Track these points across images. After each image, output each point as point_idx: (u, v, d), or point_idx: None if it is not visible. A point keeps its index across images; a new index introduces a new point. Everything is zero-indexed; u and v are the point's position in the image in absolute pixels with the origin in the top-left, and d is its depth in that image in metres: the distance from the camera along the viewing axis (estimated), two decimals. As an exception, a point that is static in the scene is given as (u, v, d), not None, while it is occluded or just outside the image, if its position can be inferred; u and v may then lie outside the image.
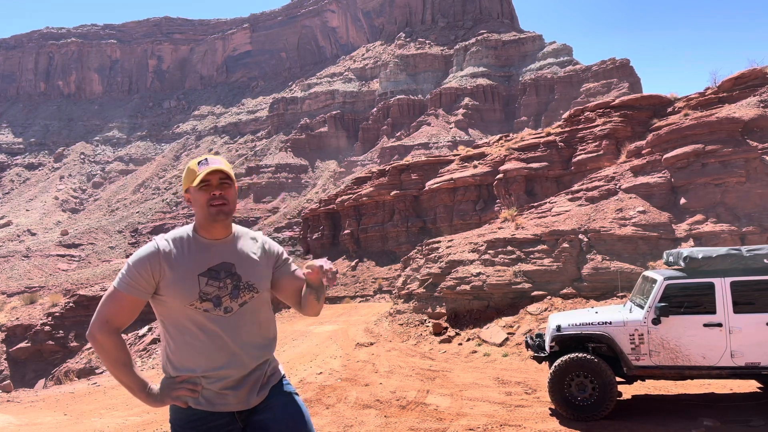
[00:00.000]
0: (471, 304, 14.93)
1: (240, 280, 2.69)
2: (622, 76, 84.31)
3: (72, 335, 24.51)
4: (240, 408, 2.69)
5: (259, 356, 2.74)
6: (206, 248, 2.69)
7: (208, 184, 2.65)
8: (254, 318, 2.73)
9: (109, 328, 2.62)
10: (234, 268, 2.69)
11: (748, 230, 14.77)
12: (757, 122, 17.01)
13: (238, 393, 2.67)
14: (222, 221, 2.68)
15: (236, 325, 2.67)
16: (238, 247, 2.76)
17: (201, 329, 2.63)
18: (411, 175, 38.36)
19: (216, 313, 2.63)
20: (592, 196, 18.21)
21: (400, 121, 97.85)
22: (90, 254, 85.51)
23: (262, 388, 2.75)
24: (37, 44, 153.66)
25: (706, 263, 7.02)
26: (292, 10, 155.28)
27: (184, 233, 2.72)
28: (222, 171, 2.65)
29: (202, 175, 2.62)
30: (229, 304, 2.65)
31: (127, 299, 2.61)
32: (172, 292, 2.60)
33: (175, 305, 2.61)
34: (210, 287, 2.62)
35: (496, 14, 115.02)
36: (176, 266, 2.61)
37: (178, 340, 2.65)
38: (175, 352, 2.67)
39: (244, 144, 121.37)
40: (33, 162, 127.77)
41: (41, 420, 10.05)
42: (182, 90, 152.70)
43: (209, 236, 2.71)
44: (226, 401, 2.66)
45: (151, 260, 2.61)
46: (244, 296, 2.68)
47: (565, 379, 7.14)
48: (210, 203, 2.64)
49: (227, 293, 2.65)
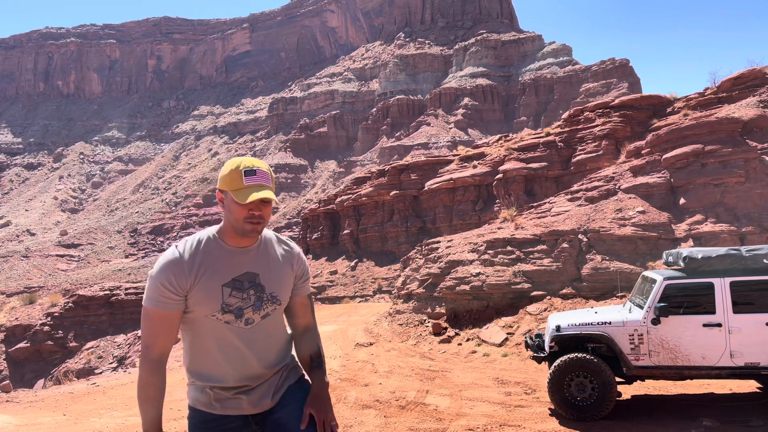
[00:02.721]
0: (470, 304, 14.93)
1: (264, 291, 2.59)
2: (621, 76, 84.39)
3: (71, 335, 24.49)
4: (254, 411, 2.63)
5: (274, 364, 2.69)
6: (230, 256, 2.56)
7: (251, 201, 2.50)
8: (273, 329, 2.67)
9: (150, 356, 2.48)
10: (258, 278, 2.58)
11: (748, 230, 14.77)
12: (757, 122, 17.01)
13: (252, 397, 2.62)
14: (253, 239, 2.57)
15: (255, 337, 2.59)
16: (264, 256, 2.63)
17: (219, 339, 2.55)
18: (410, 175, 38.35)
19: (236, 325, 2.54)
20: (591, 197, 18.21)
21: (400, 121, 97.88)
22: (89, 254, 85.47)
23: (277, 392, 2.69)
24: (36, 44, 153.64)
25: (705, 263, 7.02)
26: (291, 10, 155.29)
27: (208, 239, 2.57)
28: (272, 198, 2.48)
29: (251, 198, 2.42)
30: (251, 315, 2.56)
31: (158, 316, 2.47)
32: (194, 302, 2.49)
33: (196, 315, 2.52)
34: (233, 298, 2.52)
35: (496, 14, 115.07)
36: (199, 275, 2.49)
37: (195, 346, 2.58)
38: (191, 357, 2.61)
39: (243, 144, 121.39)
40: (32, 162, 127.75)
41: (40, 420, 10.04)
42: (181, 90, 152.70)
43: (235, 244, 2.57)
44: (239, 405, 2.60)
45: (175, 268, 2.46)
46: (267, 308, 2.60)
47: (564, 379, 7.13)
48: (247, 220, 2.48)
49: (250, 305, 2.55)
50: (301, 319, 2.83)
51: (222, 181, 2.52)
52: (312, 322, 2.88)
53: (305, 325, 2.84)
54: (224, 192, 2.52)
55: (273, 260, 2.65)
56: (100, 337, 24.11)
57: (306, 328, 2.84)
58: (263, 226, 2.54)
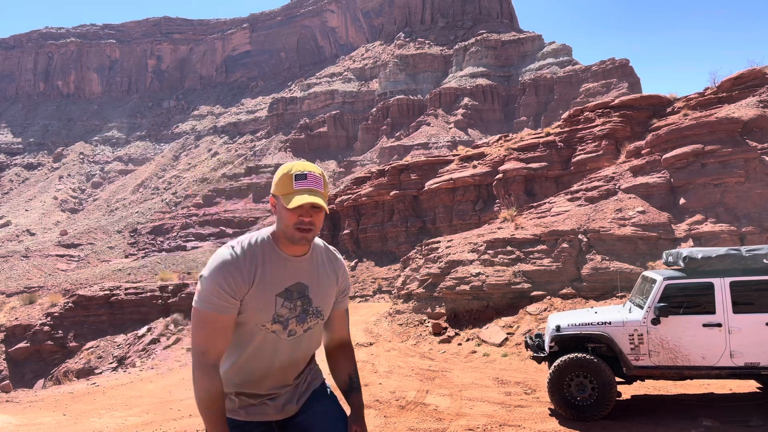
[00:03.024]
0: (470, 304, 14.93)
1: (310, 304, 2.52)
2: (621, 76, 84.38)
3: (71, 335, 24.48)
4: (278, 417, 2.60)
5: (301, 369, 2.68)
6: (284, 264, 2.47)
7: (300, 206, 2.40)
8: (312, 342, 2.63)
9: (206, 362, 2.35)
10: (308, 290, 2.51)
11: (748, 230, 14.77)
12: (757, 122, 17.02)
13: (277, 403, 2.59)
14: (303, 246, 2.47)
15: (293, 348, 2.55)
16: (315, 268, 2.56)
17: (262, 348, 2.48)
18: (410, 175, 38.33)
19: (281, 336, 2.48)
20: (591, 197, 18.21)
21: (400, 121, 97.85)
22: (89, 254, 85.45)
23: (301, 396, 2.66)
24: (36, 44, 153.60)
25: (705, 263, 7.02)
26: (291, 10, 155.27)
27: (263, 242, 2.47)
28: (321, 204, 2.39)
29: (296, 202, 2.35)
30: (294, 327, 2.49)
31: (215, 320, 2.34)
32: (246, 309, 2.39)
33: (244, 321, 2.42)
34: (284, 309, 2.45)
35: (496, 14, 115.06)
36: (257, 282, 2.40)
37: (234, 353, 2.50)
38: (228, 363, 2.52)
39: (243, 144, 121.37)
40: (32, 162, 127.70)
41: (40, 420, 10.04)
42: (181, 90, 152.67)
43: (288, 251, 2.48)
44: (264, 411, 2.57)
45: (232, 271, 2.35)
46: (311, 322, 2.54)
47: (564, 379, 7.13)
48: (296, 226, 2.40)
49: (295, 316, 2.48)
50: (337, 332, 2.78)
51: (274, 186, 2.46)
52: (347, 337, 2.83)
53: (340, 339, 2.79)
54: (276, 197, 2.45)
55: (322, 273, 2.59)
56: (99, 337, 24.10)
57: (341, 341, 2.80)
58: (314, 234, 2.45)
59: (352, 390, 2.75)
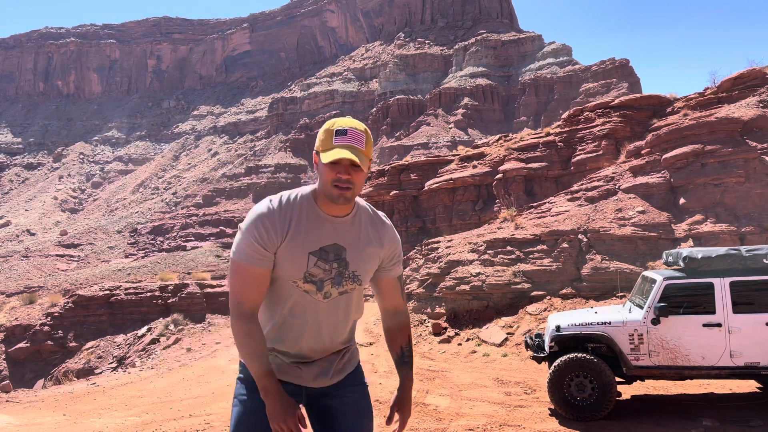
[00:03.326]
0: (470, 304, 14.94)
1: (347, 267, 2.46)
2: (621, 76, 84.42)
3: (71, 335, 24.48)
4: (307, 384, 2.55)
5: (341, 342, 2.60)
6: (322, 223, 2.43)
7: (337, 163, 2.37)
8: (348, 306, 2.55)
9: (242, 311, 2.36)
10: (345, 253, 2.45)
11: (748, 230, 14.77)
12: (757, 122, 17.02)
13: (311, 369, 2.54)
14: (342, 204, 2.41)
15: (329, 312, 2.49)
16: (355, 231, 2.49)
17: (296, 307, 2.46)
18: (410, 175, 38.32)
19: (315, 297, 2.45)
20: (591, 197, 18.21)
21: (400, 121, 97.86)
22: (89, 254, 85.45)
23: (335, 374, 2.59)
24: (36, 44, 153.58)
25: (705, 263, 7.02)
26: (291, 10, 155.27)
27: (303, 199, 2.44)
28: (355, 161, 2.33)
29: (333, 156, 2.31)
30: (330, 290, 2.45)
31: (249, 272, 2.36)
32: (279, 263, 2.38)
33: (278, 276, 2.42)
34: (317, 269, 2.41)
35: (496, 14, 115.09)
36: (294, 239, 2.37)
37: (269, 308, 2.50)
38: (263, 318, 2.52)
39: (243, 144, 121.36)
40: (32, 162, 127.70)
41: (40, 420, 10.04)
42: (181, 90, 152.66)
43: (328, 211, 2.44)
44: (296, 374, 2.53)
45: (267, 222, 2.35)
46: (347, 285, 2.48)
47: (564, 379, 7.13)
48: (335, 183, 2.35)
49: (330, 278, 2.44)
50: (389, 301, 2.71)
51: (317, 141, 2.43)
52: (402, 306, 2.74)
53: (394, 307, 2.73)
54: (318, 153, 2.42)
55: (363, 237, 2.51)
56: (99, 337, 24.09)
57: (395, 310, 2.73)
58: (353, 193, 2.39)
59: (402, 363, 2.70)
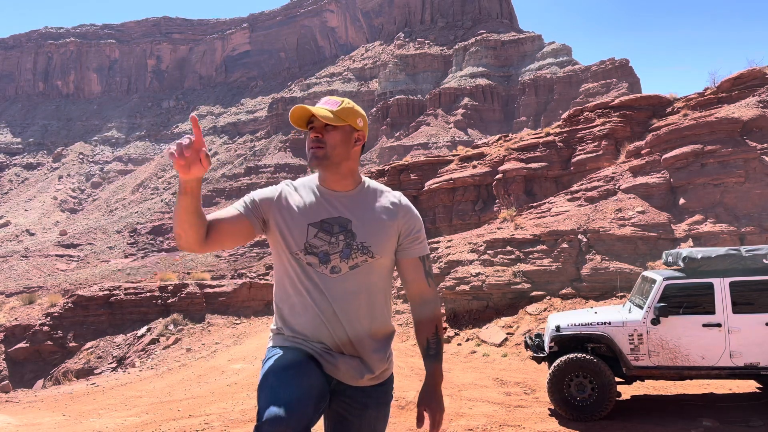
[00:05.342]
0: (470, 304, 14.94)
1: (354, 238, 2.40)
2: (621, 76, 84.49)
3: (71, 335, 24.46)
4: (343, 379, 2.41)
5: (365, 335, 2.44)
6: (325, 198, 2.46)
7: (312, 125, 2.42)
8: (363, 285, 2.41)
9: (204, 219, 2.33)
10: (350, 224, 2.41)
11: (747, 230, 14.77)
12: (756, 122, 17.03)
13: (344, 360, 2.40)
14: (315, 167, 2.44)
15: (342, 289, 2.38)
16: (360, 204, 2.47)
17: (302, 282, 2.40)
18: (410, 175, 38.31)
19: (321, 270, 2.38)
20: (591, 197, 18.21)
21: (399, 121, 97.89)
22: (89, 254, 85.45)
23: (370, 378, 2.45)
24: (35, 44, 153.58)
25: (705, 263, 7.02)
26: (291, 10, 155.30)
27: (310, 180, 2.55)
28: (318, 115, 2.38)
29: (292, 110, 2.42)
30: (338, 263, 2.39)
31: (229, 208, 2.44)
32: (279, 234, 2.41)
33: (281, 249, 2.43)
34: (318, 240, 2.38)
35: (496, 14, 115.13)
36: (290, 209, 2.43)
37: (280, 288, 2.49)
38: (278, 300, 2.50)
39: (243, 144, 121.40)
40: (32, 162, 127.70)
41: (40, 420, 10.03)
42: (181, 90, 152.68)
43: (328, 186, 2.47)
44: (329, 360, 2.40)
45: (269, 194, 2.47)
46: (356, 258, 2.39)
47: (564, 379, 7.13)
48: (310, 144, 2.43)
49: (337, 251, 2.38)
50: (412, 285, 2.55)
51: None
52: (428, 293, 2.56)
53: (420, 295, 2.55)
54: None
55: (371, 209, 2.47)
56: (99, 338, 24.06)
57: (422, 299, 2.56)
58: (324, 153, 2.39)
59: (428, 356, 2.54)
